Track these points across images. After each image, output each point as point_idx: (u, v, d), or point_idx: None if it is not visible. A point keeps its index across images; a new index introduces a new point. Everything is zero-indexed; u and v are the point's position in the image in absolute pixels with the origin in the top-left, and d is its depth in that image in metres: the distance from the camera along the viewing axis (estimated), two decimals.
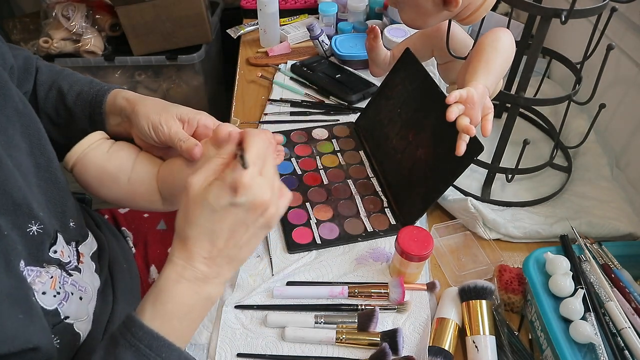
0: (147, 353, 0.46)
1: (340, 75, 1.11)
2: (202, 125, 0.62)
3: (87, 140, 0.62)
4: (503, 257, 0.74)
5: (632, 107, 0.87)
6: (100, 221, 0.77)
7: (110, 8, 1.47)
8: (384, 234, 0.77)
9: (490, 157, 0.82)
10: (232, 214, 0.47)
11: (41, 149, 0.57)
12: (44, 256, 0.54)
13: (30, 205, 0.52)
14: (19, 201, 0.51)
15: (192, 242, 0.48)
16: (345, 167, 0.89)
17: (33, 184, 0.56)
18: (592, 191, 0.82)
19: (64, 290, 0.56)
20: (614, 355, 0.56)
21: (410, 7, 0.70)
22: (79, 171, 0.62)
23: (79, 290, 0.59)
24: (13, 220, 0.50)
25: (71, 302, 0.56)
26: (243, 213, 0.48)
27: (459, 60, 0.80)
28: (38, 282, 0.52)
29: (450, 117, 0.60)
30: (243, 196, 0.46)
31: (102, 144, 0.64)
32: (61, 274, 0.56)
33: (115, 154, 0.64)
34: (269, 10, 1.19)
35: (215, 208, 0.47)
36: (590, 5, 0.66)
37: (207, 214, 0.47)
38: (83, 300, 0.59)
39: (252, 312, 0.66)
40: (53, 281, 0.54)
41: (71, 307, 0.56)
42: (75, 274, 0.59)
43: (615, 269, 0.64)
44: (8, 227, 0.49)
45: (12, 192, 0.50)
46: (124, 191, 0.63)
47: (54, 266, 0.55)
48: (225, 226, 0.48)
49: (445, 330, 0.62)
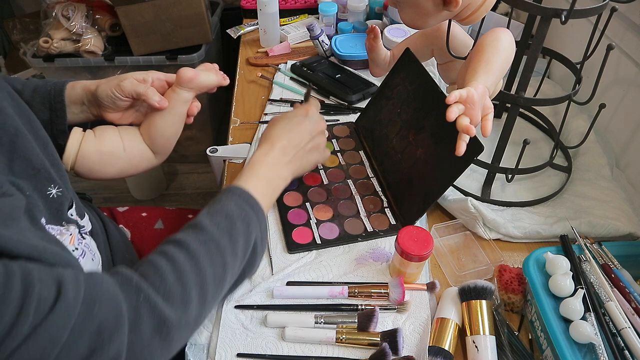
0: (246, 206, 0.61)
1: (340, 75, 1.11)
2: (155, 79, 0.73)
3: (75, 140, 0.68)
4: (503, 257, 0.74)
5: (632, 107, 0.87)
6: (103, 216, 0.78)
7: (110, 8, 1.47)
8: (384, 234, 0.77)
9: (490, 157, 0.82)
10: (303, 125, 0.73)
11: (36, 132, 0.60)
12: (63, 215, 0.58)
13: (48, 170, 0.57)
14: (38, 166, 0.55)
15: (275, 137, 0.70)
16: (345, 167, 0.89)
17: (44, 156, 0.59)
18: (592, 191, 0.82)
19: (80, 247, 0.60)
20: (614, 355, 0.56)
21: (410, 7, 0.70)
22: (80, 165, 0.69)
23: (90, 252, 0.63)
24: (34, 184, 0.54)
25: (86, 260, 0.60)
26: (311, 125, 0.73)
27: (459, 60, 0.80)
28: (59, 238, 0.54)
29: (450, 117, 0.60)
30: (311, 117, 0.74)
31: (87, 136, 0.69)
32: (78, 233, 0.61)
33: (103, 136, 0.71)
34: (269, 10, 1.19)
35: (293, 119, 0.73)
36: (590, 5, 0.66)
37: (288, 120, 0.73)
38: (94, 262, 0.63)
39: (252, 312, 0.66)
40: (72, 238, 0.59)
41: (87, 264, 0.60)
42: (87, 237, 0.64)
43: (615, 269, 0.64)
44: (30, 189, 0.53)
45: (32, 158, 0.55)
46: (125, 161, 0.72)
47: (73, 225, 0.60)
48: (297, 131, 0.72)
49: (445, 330, 0.62)
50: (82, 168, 0.69)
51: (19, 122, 0.56)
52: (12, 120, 0.54)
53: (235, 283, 0.61)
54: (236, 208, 0.59)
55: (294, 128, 0.72)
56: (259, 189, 0.64)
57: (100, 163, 0.70)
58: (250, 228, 0.59)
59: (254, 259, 0.61)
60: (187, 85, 0.71)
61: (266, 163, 0.67)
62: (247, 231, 0.59)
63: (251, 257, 0.60)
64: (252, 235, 0.59)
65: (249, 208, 0.61)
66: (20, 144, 0.54)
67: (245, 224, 0.59)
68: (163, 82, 0.74)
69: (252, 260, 0.61)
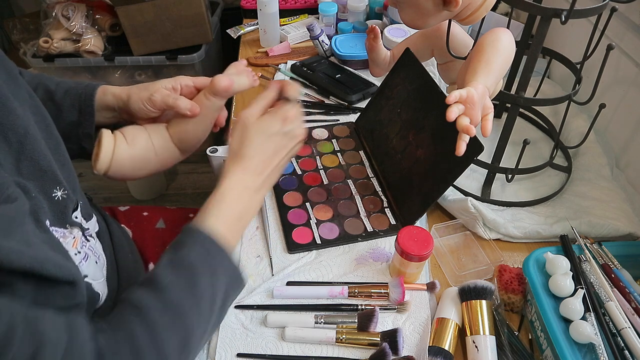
0: (213, 251, 0.55)
1: (340, 75, 1.11)
2: (184, 86, 0.71)
3: (108, 145, 0.67)
4: (503, 257, 0.74)
5: (632, 107, 0.87)
6: (106, 215, 0.78)
7: (110, 8, 1.47)
8: (384, 234, 0.77)
9: (490, 157, 0.82)
10: (279, 139, 0.62)
11: (50, 133, 0.60)
12: (67, 218, 0.58)
13: (55, 172, 0.56)
14: (45, 168, 0.55)
15: (248, 158, 0.61)
16: (345, 167, 0.89)
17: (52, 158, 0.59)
18: (592, 191, 0.82)
19: (84, 251, 0.59)
20: (614, 355, 0.56)
21: (410, 7, 0.70)
22: (114, 171, 0.68)
23: (94, 255, 0.62)
24: (40, 185, 0.54)
25: (89, 263, 0.60)
26: (287, 140, 0.63)
27: (459, 60, 0.80)
28: (62, 241, 0.54)
29: (450, 117, 0.60)
30: (290, 125, 0.63)
31: (118, 141, 0.69)
32: (82, 237, 0.60)
33: (134, 141, 0.70)
34: (269, 10, 1.19)
35: (268, 133, 0.62)
36: (590, 5, 0.66)
37: (262, 137, 0.62)
38: (98, 265, 0.62)
39: (252, 312, 0.66)
40: (75, 241, 0.58)
41: (90, 267, 0.59)
42: (91, 240, 0.63)
43: (615, 269, 0.64)
44: (36, 190, 0.53)
45: (39, 160, 0.55)
46: (157, 163, 0.72)
47: (77, 228, 0.59)
48: (272, 147, 0.62)
49: (445, 330, 0.62)
50: (115, 174, 0.68)
51: (30, 121, 0.56)
52: (21, 121, 0.54)
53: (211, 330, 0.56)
54: (200, 260, 0.53)
55: (270, 145, 0.62)
56: (228, 228, 0.57)
57: (133, 168, 0.69)
58: (217, 281, 0.54)
59: (224, 308, 0.57)
60: (222, 95, 0.68)
61: (237, 195, 0.59)
62: (213, 286, 0.53)
63: (222, 307, 0.55)
64: (218, 289, 0.54)
65: (215, 258, 0.54)
66: (29, 145, 0.54)
67: (210, 279, 0.53)
68: (192, 89, 0.72)
69: (224, 308, 0.56)
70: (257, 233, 0.77)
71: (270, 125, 0.62)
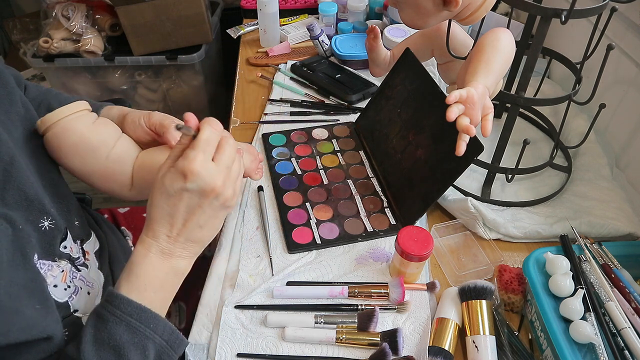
0: (137, 325, 0.49)
1: (340, 75, 1.11)
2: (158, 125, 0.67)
3: (71, 107, 0.61)
4: (503, 257, 0.74)
5: (632, 107, 0.87)
6: (101, 220, 0.77)
7: (110, 8, 1.47)
8: (384, 234, 0.77)
9: (490, 157, 0.82)
10: (186, 198, 0.51)
11: (43, 152, 0.59)
12: (55, 250, 0.56)
13: (42, 202, 0.55)
14: (32, 197, 0.53)
15: (155, 222, 0.53)
16: (345, 167, 0.89)
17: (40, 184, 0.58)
18: (592, 191, 0.82)
19: (73, 284, 0.58)
20: (614, 355, 0.56)
21: (410, 7, 0.70)
22: (54, 135, 0.60)
23: (87, 285, 0.61)
24: (27, 215, 0.53)
25: (80, 296, 0.58)
26: (197, 197, 0.51)
27: (459, 60, 0.80)
28: (50, 275, 0.54)
29: (450, 117, 0.60)
30: (193, 182, 0.50)
31: (87, 114, 0.64)
32: (71, 269, 0.58)
33: (101, 127, 0.64)
34: (269, 10, 1.19)
35: (170, 192, 0.51)
36: (590, 5, 0.66)
37: (164, 197, 0.51)
38: (90, 295, 0.61)
39: (252, 312, 0.66)
40: (64, 275, 0.56)
41: (80, 301, 0.58)
42: (83, 269, 0.61)
43: (615, 269, 0.64)
44: (22, 221, 0.52)
45: (26, 189, 0.53)
46: (99, 167, 0.63)
47: (65, 260, 0.58)
48: (181, 209, 0.52)
49: (445, 330, 0.62)
50: (53, 141, 0.60)
51: (18, 146, 0.54)
52: (7, 148, 0.52)
53: None
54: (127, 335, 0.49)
55: (178, 205, 0.52)
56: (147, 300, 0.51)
57: (74, 149, 0.61)
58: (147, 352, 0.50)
59: None
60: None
61: (151, 265, 0.52)
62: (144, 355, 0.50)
63: None
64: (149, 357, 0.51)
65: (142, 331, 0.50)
66: (15, 173, 0.52)
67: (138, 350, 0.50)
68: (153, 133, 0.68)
69: None
70: (257, 233, 0.77)
71: (171, 182, 0.51)
